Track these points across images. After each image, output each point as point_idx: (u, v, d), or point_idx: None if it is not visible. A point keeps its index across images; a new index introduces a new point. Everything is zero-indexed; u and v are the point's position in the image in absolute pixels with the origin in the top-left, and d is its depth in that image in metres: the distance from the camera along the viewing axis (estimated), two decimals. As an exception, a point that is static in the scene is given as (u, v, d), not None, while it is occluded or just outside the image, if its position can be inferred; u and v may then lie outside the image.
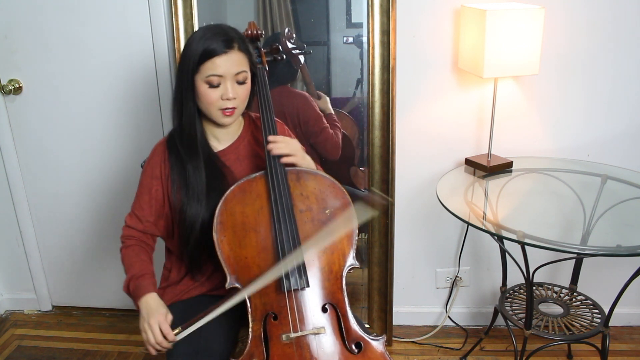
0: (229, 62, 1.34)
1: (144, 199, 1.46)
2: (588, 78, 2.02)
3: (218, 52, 1.33)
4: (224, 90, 1.36)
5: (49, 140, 2.26)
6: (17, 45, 2.14)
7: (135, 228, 1.46)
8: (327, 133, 2.04)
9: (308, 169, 1.44)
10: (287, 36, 1.96)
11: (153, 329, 1.28)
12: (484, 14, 1.73)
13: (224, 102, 1.37)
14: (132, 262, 1.42)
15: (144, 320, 1.31)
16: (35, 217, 2.40)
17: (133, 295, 1.37)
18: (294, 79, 2.04)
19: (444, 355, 2.19)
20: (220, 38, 1.33)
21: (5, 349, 2.29)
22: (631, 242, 1.56)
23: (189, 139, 1.42)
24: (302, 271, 1.33)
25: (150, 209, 1.45)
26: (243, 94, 1.39)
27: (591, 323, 1.83)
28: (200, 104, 1.39)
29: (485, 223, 1.71)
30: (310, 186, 1.41)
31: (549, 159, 2.09)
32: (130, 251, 1.44)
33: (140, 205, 1.46)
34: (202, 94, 1.37)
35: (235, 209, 1.36)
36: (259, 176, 1.40)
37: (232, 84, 1.36)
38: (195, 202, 1.40)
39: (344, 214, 1.40)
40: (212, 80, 1.34)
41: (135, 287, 1.37)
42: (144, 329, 1.30)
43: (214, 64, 1.33)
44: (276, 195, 1.36)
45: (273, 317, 1.32)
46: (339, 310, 1.35)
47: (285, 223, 1.34)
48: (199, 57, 1.33)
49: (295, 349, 1.29)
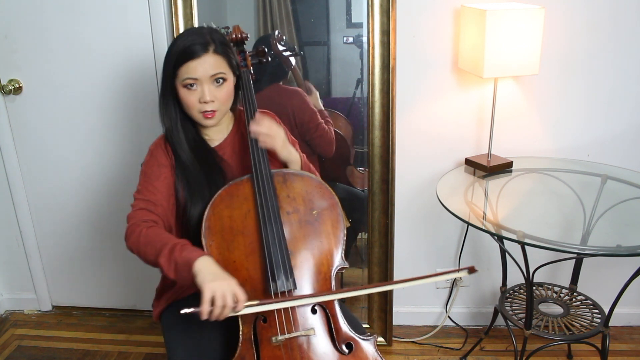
0: (205, 65, 1.34)
1: (154, 185, 1.38)
2: (588, 78, 2.03)
3: (193, 56, 1.33)
4: (202, 93, 1.36)
5: (49, 140, 2.26)
6: (17, 45, 2.14)
7: (152, 211, 1.35)
8: (322, 129, 2.03)
9: (295, 171, 1.44)
10: (277, 38, 1.97)
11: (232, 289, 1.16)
12: (484, 14, 1.73)
13: (203, 105, 1.37)
14: (166, 236, 1.28)
15: (217, 277, 1.16)
16: (35, 217, 2.40)
17: (183, 258, 1.20)
18: (285, 78, 2.04)
19: (444, 355, 2.19)
20: (197, 41, 1.34)
21: (5, 349, 2.29)
22: (631, 242, 1.56)
23: (179, 142, 1.42)
24: (289, 273, 1.32)
25: (161, 194, 1.38)
26: (222, 96, 1.39)
27: (591, 323, 1.83)
28: (183, 107, 1.41)
29: (485, 223, 1.71)
30: (297, 188, 1.41)
31: (549, 159, 2.09)
32: (157, 229, 1.31)
33: (150, 191, 1.38)
34: (182, 97, 1.38)
35: (222, 213, 1.36)
36: (246, 179, 1.40)
37: (209, 86, 1.36)
38: (197, 202, 1.40)
39: (331, 214, 1.40)
40: (188, 83, 1.36)
41: (182, 250, 1.22)
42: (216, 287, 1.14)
43: (189, 67, 1.34)
44: (262, 198, 1.36)
45: (262, 319, 1.31)
46: (329, 311, 1.34)
47: (271, 226, 1.34)
48: (174, 61, 1.35)
49: (285, 351, 1.29)
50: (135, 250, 1.30)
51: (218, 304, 1.14)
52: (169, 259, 1.22)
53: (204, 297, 1.13)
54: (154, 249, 1.25)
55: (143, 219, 1.33)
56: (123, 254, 1.25)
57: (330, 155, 2.08)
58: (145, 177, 1.41)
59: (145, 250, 1.27)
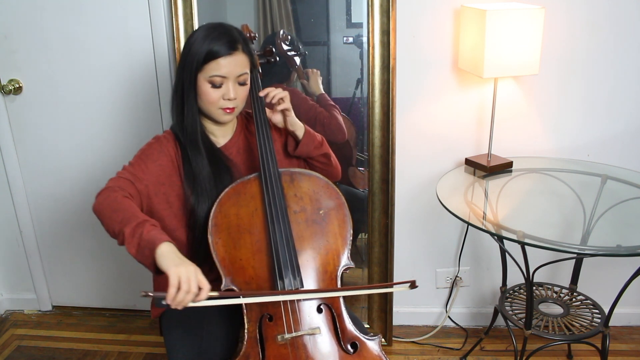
0: (232, 64, 1.35)
1: (147, 164, 1.36)
2: (588, 78, 2.03)
3: (223, 53, 1.33)
4: (226, 90, 1.37)
5: (49, 140, 2.26)
6: (17, 45, 2.14)
7: (135, 185, 1.32)
8: (323, 115, 2.01)
9: (302, 170, 1.45)
10: (282, 38, 1.96)
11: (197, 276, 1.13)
12: (484, 14, 1.73)
13: (225, 102, 1.38)
14: (138, 211, 1.24)
15: (182, 263, 1.13)
16: (35, 217, 2.40)
17: (150, 237, 1.17)
18: (288, 79, 2.04)
19: (444, 355, 2.20)
20: (225, 39, 1.34)
21: (5, 349, 2.29)
22: (631, 242, 1.56)
23: (192, 136, 1.41)
24: (296, 272, 1.33)
25: (150, 176, 1.35)
26: (243, 94, 1.41)
27: (591, 323, 1.83)
28: (201, 102, 1.40)
29: (485, 223, 1.71)
30: (304, 187, 1.41)
31: (549, 159, 2.09)
32: (131, 202, 1.26)
33: (142, 169, 1.35)
34: (203, 93, 1.37)
35: (229, 211, 1.37)
36: (253, 178, 1.41)
37: (234, 84, 1.37)
38: (205, 200, 1.40)
39: (338, 214, 1.40)
40: (215, 81, 1.35)
41: (151, 230, 1.19)
42: (181, 272, 1.11)
43: (219, 64, 1.34)
44: (270, 197, 1.36)
45: (268, 318, 1.32)
46: (334, 311, 1.35)
47: (279, 224, 1.34)
48: (203, 56, 1.33)
49: (291, 350, 1.29)
50: (100, 212, 1.25)
51: (183, 288, 1.10)
52: (133, 232, 1.18)
53: (171, 281, 1.10)
54: (121, 216, 1.21)
55: (122, 187, 1.29)
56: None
57: (344, 139, 2.05)
58: (141, 155, 1.39)
59: (111, 215, 1.23)
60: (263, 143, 1.42)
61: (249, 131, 1.54)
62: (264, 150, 1.41)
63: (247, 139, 1.53)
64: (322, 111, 2.01)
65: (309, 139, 1.49)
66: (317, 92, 2.03)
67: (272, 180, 1.38)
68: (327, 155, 1.55)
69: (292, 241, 1.34)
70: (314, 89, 2.03)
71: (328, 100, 2.03)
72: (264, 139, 1.42)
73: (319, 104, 2.03)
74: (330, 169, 1.58)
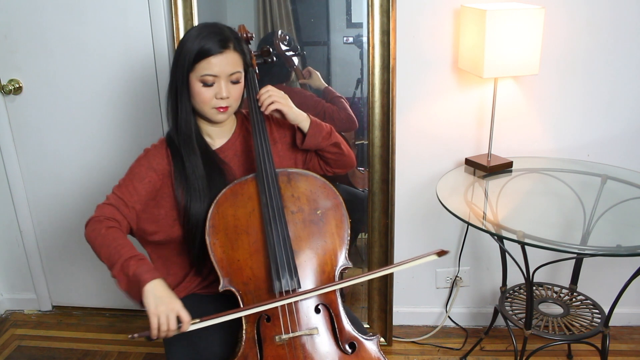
0: (224, 62, 1.35)
1: (134, 185, 1.38)
2: (588, 78, 2.02)
3: (214, 52, 1.33)
4: (218, 89, 1.36)
5: (49, 140, 2.26)
6: (17, 45, 2.14)
7: (120, 210, 1.35)
8: (331, 109, 2.00)
9: (299, 170, 1.45)
10: (280, 38, 1.96)
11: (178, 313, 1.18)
12: (484, 14, 1.73)
13: (218, 101, 1.37)
14: (124, 242, 1.28)
15: (162, 302, 1.18)
16: (35, 217, 2.40)
17: (136, 276, 1.21)
18: (288, 79, 2.04)
19: (444, 355, 2.20)
20: (217, 37, 1.34)
21: (5, 349, 2.29)
22: (631, 242, 1.56)
23: (185, 137, 1.41)
24: (293, 272, 1.32)
25: (138, 196, 1.37)
26: (236, 93, 1.40)
27: (591, 323, 1.83)
28: (194, 102, 1.40)
29: (485, 223, 1.71)
30: (301, 187, 1.41)
31: (549, 159, 2.09)
32: (116, 232, 1.30)
33: (128, 190, 1.38)
34: (196, 92, 1.37)
35: (227, 212, 1.37)
36: (251, 178, 1.41)
37: (226, 83, 1.37)
38: (197, 201, 1.40)
39: (335, 214, 1.40)
40: (207, 80, 1.35)
41: (138, 267, 1.22)
42: (160, 312, 1.17)
43: (210, 63, 1.34)
44: (267, 197, 1.36)
45: (266, 318, 1.32)
46: (332, 311, 1.35)
47: (276, 225, 1.34)
48: (194, 55, 1.33)
49: (289, 350, 1.29)
50: (90, 243, 1.32)
51: (162, 329, 1.17)
52: (119, 272, 1.23)
53: (151, 324, 1.17)
54: (107, 253, 1.27)
55: (107, 216, 1.33)
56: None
57: (356, 128, 2.05)
58: (129, 175, 1.41)
59: (99, 250, 1.29)
60: (260, 143, 1.41)
61: (248, 133, 1.54)
62: (261, 151, 1.40)
63: (245, 141, 1.52)
64: (329, 105, 2.01)
65: (315, 129, 1.47)
66: (322, 87, 2.03)
67: (269, 180, 1.37)
68: (337, 144, 1.52)
69: (290, 242, 1.34)
70: (317, 84, 2.02)
71: (334, 93, 2.03)
72: (260, 139, 1.42)
73: (325, 98, 2.02)
74: (344, 158, 1.55)
